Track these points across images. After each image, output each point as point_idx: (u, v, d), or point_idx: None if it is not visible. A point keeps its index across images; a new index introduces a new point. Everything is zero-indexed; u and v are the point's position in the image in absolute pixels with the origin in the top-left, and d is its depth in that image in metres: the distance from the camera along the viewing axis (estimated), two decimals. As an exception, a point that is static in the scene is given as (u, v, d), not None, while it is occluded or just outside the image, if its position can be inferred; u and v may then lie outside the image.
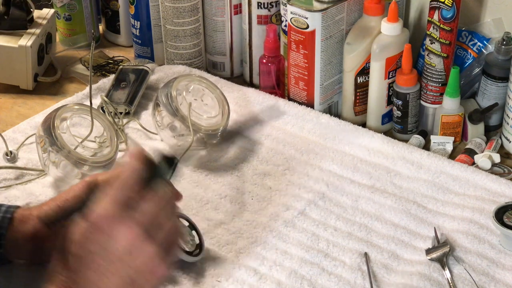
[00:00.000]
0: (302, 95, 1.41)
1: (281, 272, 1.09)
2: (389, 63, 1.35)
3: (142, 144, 1.36)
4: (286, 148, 1.33)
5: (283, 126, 1.38)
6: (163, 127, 1.30)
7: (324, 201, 1.21)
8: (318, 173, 1.27)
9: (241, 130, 1.37)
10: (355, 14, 1.38)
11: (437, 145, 1.34)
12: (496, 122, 1.38)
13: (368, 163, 1.29)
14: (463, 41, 1.40)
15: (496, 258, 1.10)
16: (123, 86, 1.46)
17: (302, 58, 1.37)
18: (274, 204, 1.21)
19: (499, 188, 1.21)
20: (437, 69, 1.34)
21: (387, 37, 1.34)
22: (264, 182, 1.26)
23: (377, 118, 1.40)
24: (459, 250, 1.11)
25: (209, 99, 1.35)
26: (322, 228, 1.16)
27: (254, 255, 1.12)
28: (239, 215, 1.20)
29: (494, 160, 1.29)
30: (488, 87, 1.36)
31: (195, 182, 1.27)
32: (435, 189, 1.23)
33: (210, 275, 1.09)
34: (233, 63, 1.56)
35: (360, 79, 1.39)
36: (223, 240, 1.15)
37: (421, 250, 1.12)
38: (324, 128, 1.36)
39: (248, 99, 1.44)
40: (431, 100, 1.37)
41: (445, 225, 1.16)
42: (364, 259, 1.11)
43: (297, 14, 1.33)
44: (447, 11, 1.30)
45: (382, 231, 1.16)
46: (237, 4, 1.50)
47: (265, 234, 1.16)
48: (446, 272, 1.07)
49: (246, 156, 1.32)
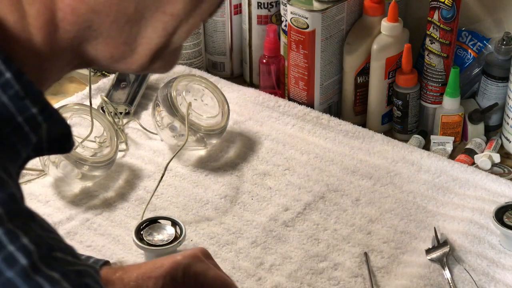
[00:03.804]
0: (302, 95, 1.41)
1: (281, 273, 1.09)
2: (389, 63, 1.35)
3: (142, 144, 1.36)
4: (286, 148, 1.33)
5: (283, 126, 1.38)
6: (163, 127, 1.30)
7: (324, 202, 1.21)
8: (318, 173, 1.27)
9: (241, 130, 1.37)
10: (355, 14, 1.38)
11: (437, 145, 1.34)
12: (496, 122, 1.38)
13: (368, 163, 1.29)
14: (463, 41, 1.40)
15: (496, 258, 1.10)
16: (123, 86, 1.46)
17: (302, 58, 1.36)
18: (274, 204, 1.21)
19: (499, 188, 1.21)
20: (437, 69, 1.34)
21: (387, 37, 1.34)
22: (264, 182, 1.26)
23: (377, 118, 1.40)
24: (459, 250, 1.11)
25: (209, 99, 1.35)
26: (322, 228, 1.16)
27: (254, 255, 1.12)
28: (239, 215, 1.20)
29: (494, 160, 1.29)
30: (488, 87, 1.36)
31: (195, 182, 1.27)
32: (435, 189, 1.23)
33: (210, 275, 1.09)
34: (233, 63, 1.56)
35: (360, 79, 1.39)
36: (223, 240, 1.15)
37: (421, 250, 1.12)
38: (324, 129, 1.36)
39: (248, 99, 1.43)
40: (431, 100, 1.37)
41: (445, 225, 1.16)
42: (364, 258, 1.11)
43: (297, 14, 1.33)
44: (447, 11, 1.29)
45: (382, 231, 1.16)
46: (237, 4, 1.50)
47: (265, 234, 1.16)
48: (446, 272, 1.07)
49: (246, 156, 1.32)
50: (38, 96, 0.56)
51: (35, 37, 0.56)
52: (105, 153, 1.26)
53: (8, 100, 0.54)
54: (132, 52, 0.60)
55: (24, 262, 0.49)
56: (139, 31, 0.59)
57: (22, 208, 0.52)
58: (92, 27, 0.58)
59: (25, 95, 0.54)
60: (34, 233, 0.50)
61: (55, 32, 0.57)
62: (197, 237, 1.16)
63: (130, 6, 0.58)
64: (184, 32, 0.61)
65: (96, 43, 0.59)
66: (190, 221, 1.18)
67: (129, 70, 0.62)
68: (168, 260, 0.89)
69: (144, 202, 1.21)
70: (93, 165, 1.22)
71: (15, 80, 0.54)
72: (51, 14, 0.56)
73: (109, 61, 0.61)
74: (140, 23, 0.59)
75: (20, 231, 0.49)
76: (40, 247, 0.50)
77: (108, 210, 1.21)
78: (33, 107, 0.55)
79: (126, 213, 1.20)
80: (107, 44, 0.59)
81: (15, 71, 0.54)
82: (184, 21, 0.60)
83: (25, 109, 0.55)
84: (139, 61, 0.61)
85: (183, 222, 1.13)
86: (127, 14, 0.58)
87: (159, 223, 1.12)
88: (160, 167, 1.27)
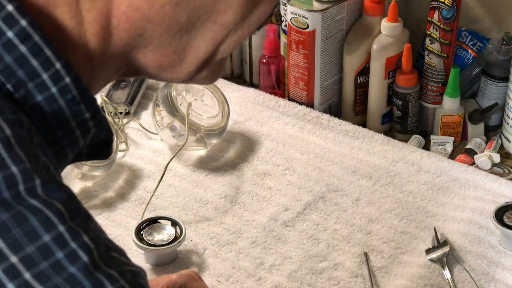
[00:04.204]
0: (302, 95, 1.41)
1: (281, 273, 1.09)
2: (389, 63, 1.35)
3: (142, 144, 1.36)
4: (286, 148, 1.33)
5: (283, 126, 1.38)
6: (163, 127, 1.30)
7: (324, 202, 1.21)
8: (318, 173, 1.27)
9: (241, 130, 1.37)
10: (355, 14, 1.38)
11: (437, 145, 1.34)
12: (496, 122, 1.38)
13: (368, 163, 1.29)
14: (463, 41, 1.40)
15: (496, 258, 1.10)
16: (123, 86, 1.46)
17: (302, 58, 1.36)
18: (274, 204, 1.21)
19: (499, 188, 1.21)
20: (437, 69, 1.34)
21: (387, 37, 1.34)
22: (264, 182, 1.26)
23: (377, 118, 1.40)
24: (459, 250, 1.11)
25: (209, 99, 1.35)
26: (322, 228, 1.16)
27: (254, 255, 1.12)
28: (239, 215, 1.20)
29: (494, 160, 1.29)
30: (488, 87, 1.36)
31: (195, 182, 1.27)
32: (435, 189, 1.23)
33: (210, 275, 1.09)
34: (233, 63, 1.56)
35: (360, 79, 1.39)
36: (223, 240, 1.15)
37: (421, 250, 1.12)
38: (324, 129, 1.36)
39: (248, 99, 1.43)
40: (431, 100, 1.37)
41: (445, 225, 1.16)
42: (364, 258, 1.11)
43: (297, 14, 1.33)
44: (447, 11, 1.29)
45: (382, 231, 1.16)
46: (237, 4, 1.50)
47: (265, 234, 1.16)
48: (446, 272, 1.07)
49: (246, 156, 1.32)
50: (92, 102, 0.57)
51: (90, 43, 0.58)
52: (105, 153, 1.26)
53: (65, 104, 0.55)
54: (181, 61, 0.62)
55: (85, 259, 0.50)
56: (189, 41, 0.60)
57: (81, 208, 0.53)
58: (144, 35, 0.59)
59: (80, 100, 0.56)
60: (93, 233, 0.52)
61: (109, 38, 0.59)
62: (197, 237, 1.16)
63: (183, 16, 0.59)
64: (232, 42, 0.62)
65: (146, 51, 0.60)
66: (190, 221, 1.18)
67: (176, 79, 0.64)
68: (163, 279, 0.92)
69: (144, 202, 1.21)
70: (93, 165, 1.22)
71: (74, 85, 0.55)
72: (106, 21, 0.58)
73: (158, 70, 0.62)
74: (190, 32, 0.60)
75: (80, 229, 0.51)
76: (99, 246, 0.52)
77: (108, 210, 1.21)
78: (87, 112, 0.57)
79: (126, 213, 1.20)
80: (156, 52, 0.60)
81: (74, 76, 0.55)
82: (233, 31, 0.61)
83: (79, 114, 0.56)
84: (186, 70, 0.62)
85: (183, 222, 1.13)
86: (179, 24, 0.59)
87: (159, 223, 1.12)
88: (160, 167, 1.27)
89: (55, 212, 0.50)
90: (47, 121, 0.55)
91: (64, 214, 0.51)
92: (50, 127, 0.56)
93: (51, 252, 0.49)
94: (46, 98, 0.55)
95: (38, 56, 0.54)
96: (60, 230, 0.50)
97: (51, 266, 0.49)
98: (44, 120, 0.55)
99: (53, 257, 0.49)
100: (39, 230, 0.49)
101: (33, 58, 0.54)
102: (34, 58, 0.54)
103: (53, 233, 0.50)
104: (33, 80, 0.54)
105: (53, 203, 0.51)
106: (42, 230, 0.49)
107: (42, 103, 0.54)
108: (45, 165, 0.53)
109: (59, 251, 0.50)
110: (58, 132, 0.56)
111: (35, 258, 0.49)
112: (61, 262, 0.49)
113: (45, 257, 0.49)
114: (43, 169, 0.52)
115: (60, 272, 0.49)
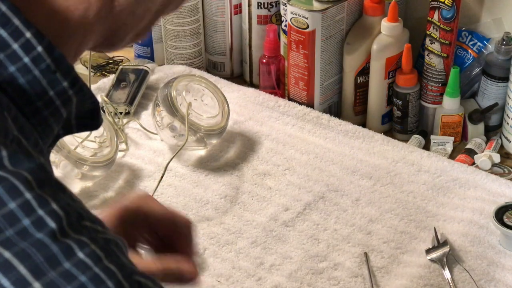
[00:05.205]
0: (302, 95, 1.41)
1: (281, 273, 1.09)
2: (389, 63, 1.35)
3: (142, 144, 1.36)
4: (286, 148, 1.33)
5: (283, 126, 1.38)
6: (163, 127, 1.30)
7: (324, 202, 1.21)
8: (318, 173, 1.27)
9: (241, 130, 1.37)
10: (355, 14, 1.38)
11: (437, 145, 1.34)
12: (496, 122, 1.38)
13: (368, 163, 1.29)
14: (463, 41, 1.40)
15: (496, 258, 1.10)
16: (123, 86, 1.46)
17: (302, 58, 1.36)
18: (274, 204, 1.21)
19: (499, 188, 1.21)
20: (437, 69, 1.34)
21: (387, 37, 1.34)
22: (264, 182, 1.26)
23: (377, 118, 1.40)
24: (459, 250, 1.11)
25: (209, 99, 1.35)
26: (322, 228, 1.16)
27: (254, 255, 1.12)
28: (239, 215, 1.20)
29: (494, 160, 1.29)
30: (488, 87, 1.36)
31: (195, 182, 1.27)
32: (435, 189, 1.23)
33: (210, 275, 1.09)
34: (233, 63, 1.56)
35: (360, 79, 1.39)
36: (223, 240, 1.15)
37: (421, 250, 1.12)
38: (324, 129, 1.36)
39: (248, 99, 1.43)
40: (431, 100, 1.37)
41: (445, 225, 1.16)
42: (364, 258, 1.11)
43: (297, 14, 1.33)
44: (447, 11, 1.29)
45: (382, 231, 1.16)
46: (237, 4, 1.50)
47: (265, 234, 1.16)
48: (446, 272, 1.07)
49: (246, 156, 1.32)
50: (69, 69, 0.56)
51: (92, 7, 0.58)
52: (105, 153, 1.26)
53: (39, 74, 0.54)
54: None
55: (53, 226, 0.49)
56: None
57: (52, 178, 0.52)
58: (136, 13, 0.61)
59: (56, 69, 0.55)
60: (64, 201, 0.51)
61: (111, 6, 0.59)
62: (197, 237, 1.16)
63: None
64: None
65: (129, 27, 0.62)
66: (190, 221, 1.18)
67: None
68: (113, 209, 0.85)
69: (144, 202, 1.21)
70: (93, 165, 1.22)
71: (47, 54, 0.54)
72: None
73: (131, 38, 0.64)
74: None
75: (49, 197, 0.50)
76: (69, 215, 0.50)
77: (108, 210, 1.21)
78: (64, 80, 0.56)
79: (126, 213, 1.20)
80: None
81: (47, 45, 0.54)
82: None
83: (57, 83, 0.55)
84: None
85: (183, 222, 1.13)
86: None
87: None
88: (160, 167, 1.27)
89: (22, 180, 0.49)
90: (23, 92, 0.54)
91: (31, 182, 0.50)
92: (28, 98, 0.55)
93: (17, 218, 0.48)
94: (19, 68, 0.54)
95: (6, 26, 0.53)
96: (26, 197, 0.49)
97: (17, 233, 0.48)
98: (20, 91, 0.54)
99: (19, 224, 0.48)
100: (5, 197, 0.48)
101: (1, 29, 0.53)
102: (2, 29, 0.53)
103: (19, 200, 0.49)
104: (3, 51, 0.53)
105: (19, 172, 0.49)
106: (8, 198, 0.48)
107: (15, 74, 0.54)
108: (16, 139, 0.52)
109: (26, 218, 0.48)
110: (36, 103, 0.55)
111: (1, 225, 0.48)
112: (27, 229, 0.48)
113: (10, 224, 0.48)
114: (13, 142, 0.51)
115: (26, 239, 0.48)
